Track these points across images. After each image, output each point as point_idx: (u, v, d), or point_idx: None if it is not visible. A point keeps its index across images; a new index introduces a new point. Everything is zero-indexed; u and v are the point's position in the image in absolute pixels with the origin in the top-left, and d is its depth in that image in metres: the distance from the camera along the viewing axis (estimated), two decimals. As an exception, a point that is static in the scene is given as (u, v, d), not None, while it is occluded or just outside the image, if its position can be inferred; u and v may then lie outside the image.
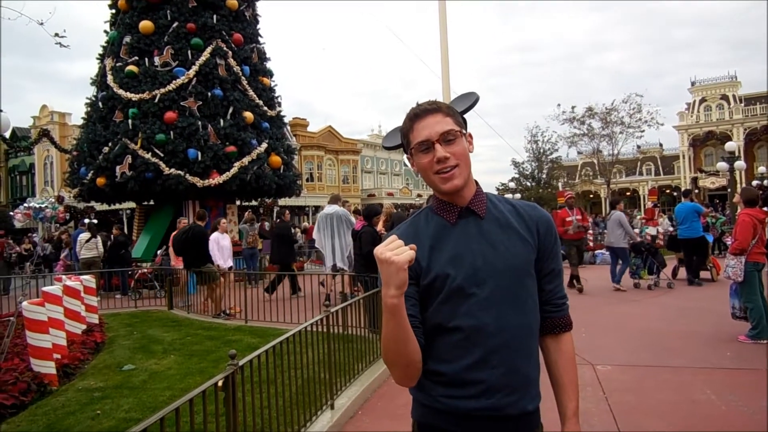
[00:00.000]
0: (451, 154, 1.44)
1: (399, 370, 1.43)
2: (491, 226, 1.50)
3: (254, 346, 5.93)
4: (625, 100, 34.58)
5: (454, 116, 1.49)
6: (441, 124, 1.45)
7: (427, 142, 1.46)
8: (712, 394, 4.60)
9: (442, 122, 1.46)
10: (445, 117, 1.47)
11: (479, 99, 1.64)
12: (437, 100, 1.53)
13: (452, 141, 1.45)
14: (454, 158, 1.45)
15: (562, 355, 1.58)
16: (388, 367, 1.45)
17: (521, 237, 1.50)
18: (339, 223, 9.46)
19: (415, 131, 1.48)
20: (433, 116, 1.47)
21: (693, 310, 8.30)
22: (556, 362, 1.58)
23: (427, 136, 1.45)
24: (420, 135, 1.47)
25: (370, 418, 4.48)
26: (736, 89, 45.25)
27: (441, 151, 1.44)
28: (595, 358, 5.74)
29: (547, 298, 1.57)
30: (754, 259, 6.28)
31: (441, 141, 1.44)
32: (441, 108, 1.49)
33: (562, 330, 1.59)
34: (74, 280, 7.80)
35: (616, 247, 10.54)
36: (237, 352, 3.07)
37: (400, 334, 1.35)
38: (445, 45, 10.52)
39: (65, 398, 4.91)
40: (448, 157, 1.44)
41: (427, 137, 1.45)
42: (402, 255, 1.25)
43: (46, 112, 36.18)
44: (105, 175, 14.34)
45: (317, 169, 42.15)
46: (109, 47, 15.52)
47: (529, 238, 1.51)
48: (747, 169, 37.93)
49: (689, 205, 11.00)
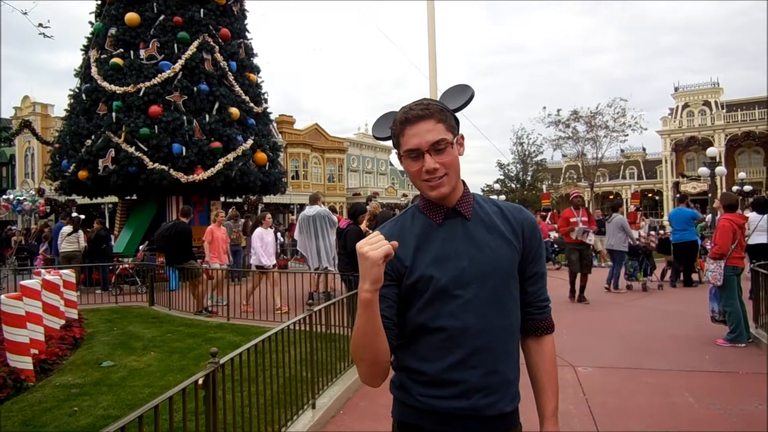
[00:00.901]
0: (440, 164, 1.43)
1: (365, 367, 1.42)
2: (477, 227, 1.50)
3: (236, 344, 5.89)
4: (610, 104, 34.93)
5: (446, 122, 1.45)
6: (432, 132, 1.42)
7: (417, 150, 1.43)
8: (690, 396, 4.65)
9: (433, 130, 1.42)
10: (437, 124, 1.43)
11: (474, 94, 1.60)
12: (430, 103, 1.47)
13: (442, 150, 1.43)
14: (443, 168, 1.43)
15: (542, 356, 1.58)
16: (355, 361, 1.45)
17: (506, 239, 1.50)
18: (322, 223, 9.40)
19: (406, 137, 1.45)
20: (425, 123, 1.42)
21: (673, 313, 8.40)
22: (536, 364, 1.59)
23: (416, 144, 1.43)
24: (410, 142, 1.44)
25: (352, 417, 4.47)
26: (718, 95, 45.90)
27: (430, 163, 1.42)
28: (576, 360, 5.78)
29: (530, 300, 1.57)
30: (733, 264, 6.38)
31: (431, 151, 1.42)
32: (433, 114, 1.44)
33: (543, 332, 1.59)
34: (54, 274, 7.69)
35: (615, 251, 10.69)
36: (218, 350, 3.04)
37: (369, 328, 1.34)
38: (432, 44, 10.54)
39: (42, 394, 4.83)
40: (438, 168, 1.43)
41: (416, 146, 1.43)
42: (378, 250, 1.26)
43: (28, 103, 35.59)
44: (87, 168, 14.13)
45: (303, 167, 41.98)
46: (93, 39, 15.29)
47: (514, 241, 1.51)
48: (728, 175, 38.52)
49: (687, 212, 11.22)
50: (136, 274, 12.12)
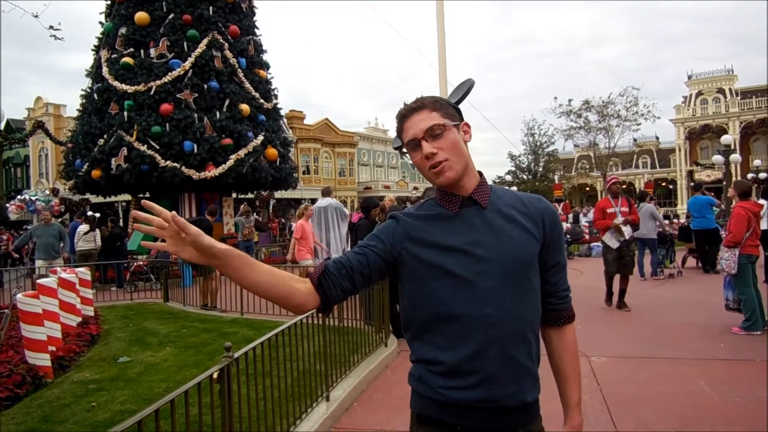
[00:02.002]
0: (438, 149, 1.45)
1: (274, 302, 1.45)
2: (494, 216, 1.49)
3: (250, 338, 5.93)
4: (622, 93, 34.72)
5: (441, 110, 1.49)
6: (426, 120, 1.47)
7: (414, 140, 1.48)
8: (705, 385, 4.62)
9: (426, 118, 1.47)
10: (431, 112, 1.48)
11: (474, 84, 1.65)
12: (423, 96, 1.54)
13: (439, 135, 1.46)
14: (443, 152, 1.46)
15: (565, 346, 1.61)
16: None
17: (525, 228, 1.49)
18: (333, 215, 9.44)
19: (404, 131, 1.52)
20: (419, 114, 1.49)
21: (687, 301, 8.34)
22: (559, 354, 1.61)
23: (413, 134, 1.49)
24: (408, 134, 1.51)
25: (366, 409, 4.49)
26: (733, 83, 45.33)
27: (428, 148, 1.46)
28: (590, 350, 5.76)
29: (552, 291, 1.58)
30: (747, 252, 6.32)
31: (427, 137, 1.46)
32: (425, 104, 1.50)
33: (565, 322, 1.61)
34: (70, 272, 7.78)
35: (647, 239, 10.73)
36: (232, 345, 3.07)
37: (245, 284, 1.41)
38: (442, 37, 10.50)
39: (60, 390, 4.90)
40: (436, 153, 1.45)
41: (413, 136, 1.49)
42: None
43: (40, 104, 35.97)
44: (100, 167, 14.27)
45: (313, 161, 42.07)
46: (104, 39, 15.40)
47: (534, 230, 1.50)
48: (742, 162, 37.98)
49: (703, 198, 11.51)
50: (151, 271, 12.22)
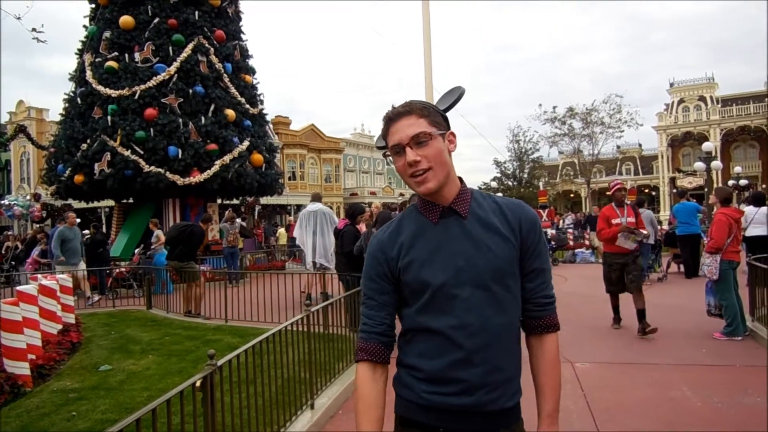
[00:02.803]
0: (422, 157, 1.44)
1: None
2: (474, 225, 1.49)
3: (234, 345, 5.88)
4: (606, 100, 35.08)
5: (429, 117, 1.47)
6: (413, 127, 1.45)
7: (399, 145, 1.46)
8: (688, 390, 4.67)
9: (414, 125, 1.45)
10: (419, 119, 1.46)
11: (464, 92, 1.64)
12: (412, 101, 1.51)
13: (424, 143, 1.44)
14: (426, 161, 1.44)
15: (543, 356, 1.56)
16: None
17: (503, 236, 1.48)
18: (323, 220, 9.42)
19: (390, 135, 1.49)
20: (406, 119, 1.46)
21: (670, 307, 8.42)
22: (537, 363, 1.57)
23: (398, 140, 1.46)
24: (393, 139, 1.48)
25: (351, 417, 4.46)
26: (714, 90, 46.03)
27: (411, 155, 1.44)
28: (574, 356, 5.80)
29: (529, 297, 1.55)
30: (729, 258, 6.40)
31: (412, 144, 1.44)
32: (414, 110, 1.47)
33: (545, 331, 1.57)
34: (50, 279, 7.67)
35: (644, 244, 10.85)
36: (216, 352, 3.04)
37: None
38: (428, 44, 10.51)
39: (40, 399, 4.82)
40: (419, 161, 1.44)
41: (398, 141, 1.46)
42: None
43: (22, 108, 35.51)
44: (83, 172, 14.11)
45: (299, 167, 41.94)
46: (88, 42, 15.27)
47: (511, 237, 1.49)
48: (723, 169, 38.55)
49: (690, 205, 11.88)
50: (133, 278, 12.09)
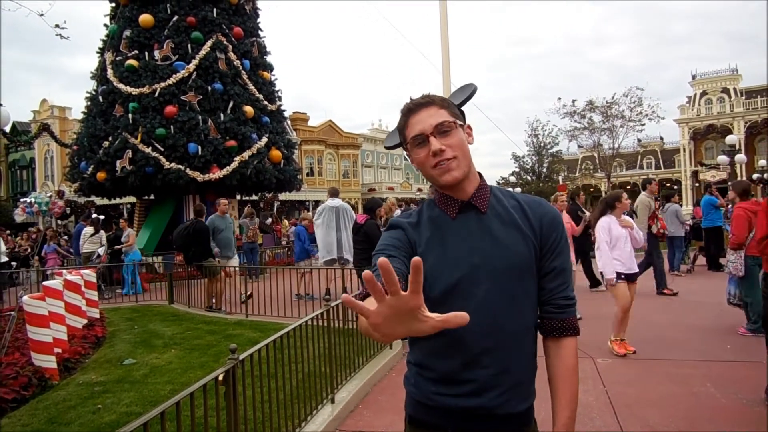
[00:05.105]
0: (447, 146, 1.41)
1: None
2: (493, 221, 1.45)
3: (255, 340, 5.94)
4: (626, 93, 34.49)
5: (448, 108, 1.46)
6: (435, 116, 1.42)
7: (422, 135, 1.43)
8: (711, 386, 4.60)
9: (435, 115, 1.43)
10: (440, 109, 1.44)
11: (476, 90, 1.62)
12: (431, 94, 1.50)
13: (447, 132, 1.42)
14: (451, 150, 1.41)
15: (561, 361, 1.49)
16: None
17: (522, 233, 1.44)
18: (345, 215, 9.44)
19: (410, 126, 1.46)
20: (427, 110, 1.44)
21: (693, 302, 8.31)
22: (554, 368, 1.50)
23: (420, 130, 1.43)
24: (414, 129, 1.44)
25: (371, 411, 4.49)
26: (737, 82, 45.12)
27: (436, 144, 1.40)
28: (595, 351, 5.75)
29: (547, 298, 1.48)
30: (752, 253, 6.24)
31: (435, 133, 1.41)
32: (434, 101, 1.45)
33: (563, 333, 1.49)
34: (75, 274, 7.81)
35: (675, 237, 11.35)
36: (238, 347, 3.07)
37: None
38: (445, 39, 10.49)
39: (66, 392, 4.92)
40: (444, 150, 1.41)
41: (420, 131, 1.43)
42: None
43: (46, 106, 36.14)
44: (105, 169, 14.34)
45: (317, 163, 42.09)
46: (109, 41, 15.49)
47: (531, 235, 1.45)
48: (747, 162, 37.86)
49: (706, 198, 12.14)
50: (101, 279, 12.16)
